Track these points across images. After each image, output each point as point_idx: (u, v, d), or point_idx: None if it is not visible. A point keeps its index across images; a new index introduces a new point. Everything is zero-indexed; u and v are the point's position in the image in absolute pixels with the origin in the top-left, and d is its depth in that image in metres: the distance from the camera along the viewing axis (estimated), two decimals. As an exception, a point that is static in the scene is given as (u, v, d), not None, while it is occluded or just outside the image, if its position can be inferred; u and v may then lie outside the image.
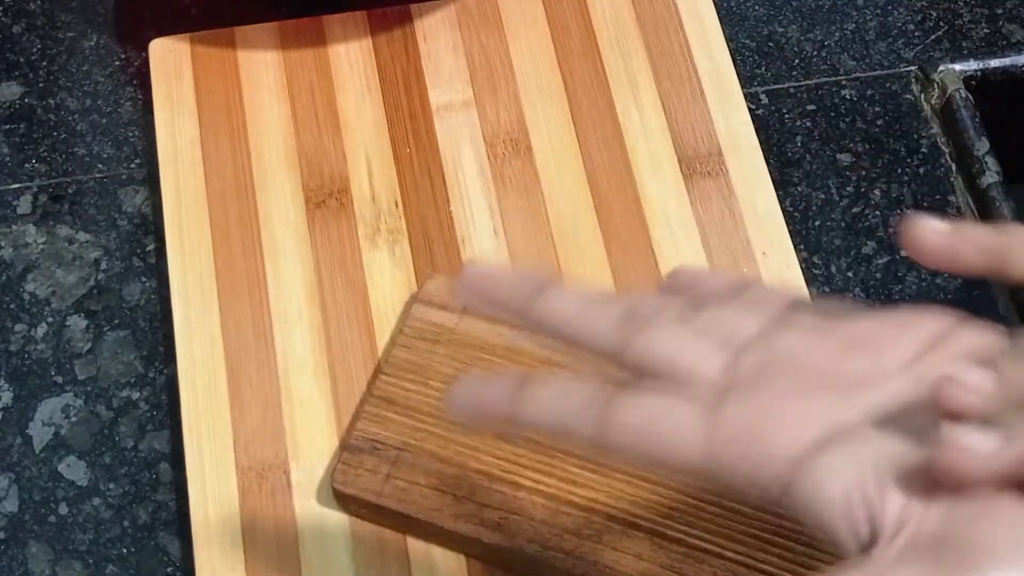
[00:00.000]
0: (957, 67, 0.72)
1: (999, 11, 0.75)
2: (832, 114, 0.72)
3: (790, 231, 0.66)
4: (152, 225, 0.67)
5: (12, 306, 0.65)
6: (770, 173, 0.68)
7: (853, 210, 0.68)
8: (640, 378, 0.37)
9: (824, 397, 0.35)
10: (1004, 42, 0.74)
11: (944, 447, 0.31)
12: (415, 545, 0.58)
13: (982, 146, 0.69)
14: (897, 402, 0.35)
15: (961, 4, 0.75)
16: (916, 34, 0.74)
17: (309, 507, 0.59)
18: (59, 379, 0.63)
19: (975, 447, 0.31)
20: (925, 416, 0.34)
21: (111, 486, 0.61)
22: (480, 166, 0.68)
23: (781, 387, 0.36)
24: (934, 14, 0.75)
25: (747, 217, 0.67)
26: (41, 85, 0.72)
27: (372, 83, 0.70)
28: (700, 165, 0.68)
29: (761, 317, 0.38)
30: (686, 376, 0.37)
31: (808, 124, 0.71)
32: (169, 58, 0.71)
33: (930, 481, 0.32)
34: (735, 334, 0.37)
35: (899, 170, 0.70)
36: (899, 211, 0.68)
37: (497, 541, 0.56)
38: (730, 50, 0.72)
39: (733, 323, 0.38)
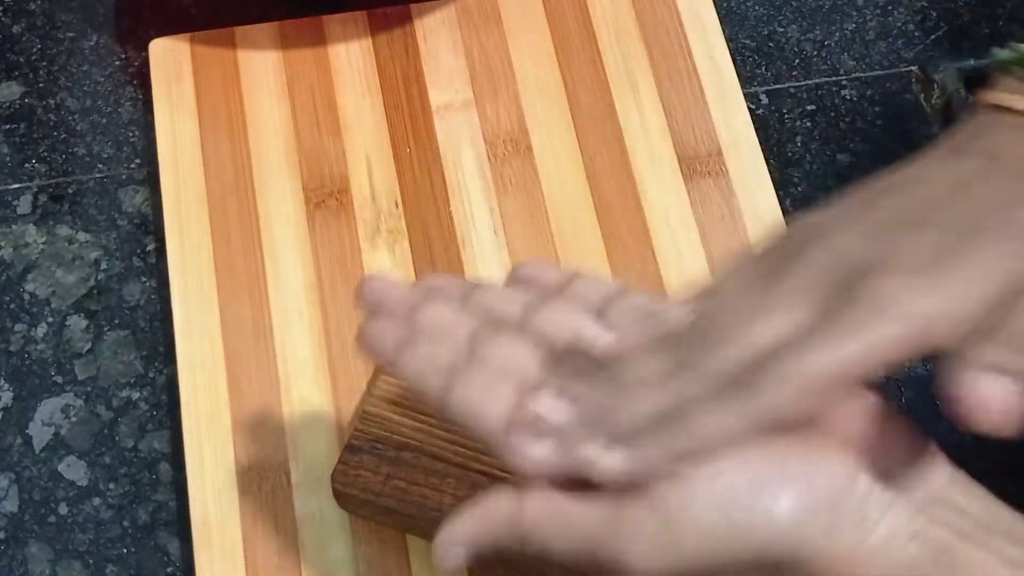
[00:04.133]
0: (957, 67, 0.72)
1: (999, 11, 0.75)
2: (832, 114, 0.72)
3: (790, 231, 0.66)
4: (152, 225, 0.67)
5: (12, 306, 0.65)
6: (770, 173, 0.68)
7: (853, 210, 0.68)
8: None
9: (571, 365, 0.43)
10: (1004, 42, 0.74)
11: (514, 453, 0.41)
12: (415, 544, 0.58)
13: (982, 146, 0.69)
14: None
15: (961, 4, 0.75)
16: (916, 34, 0.74)
17: (309, 507, 0.59)
18: (59, 379, 0.63)
19: (530, 456, 0.41)
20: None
21: (111, 486, 0.61)
22: (480, 166, 0.68)
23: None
24: (934, 14, 0.75)
25: (747, 217, 0.67)
26: (41, 85, 0.72)
27: (372, 83, 0.70)
28: (700, 165, 0.68)
29: (574, 307, 0.45)
30: (510, 366, 0.43)
31: (808, 124, 0.71)
32: (169, 58, 0.71)
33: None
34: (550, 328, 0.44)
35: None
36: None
37: None
38: (730, 50, 0.72)
39: (551, 318, 0.44)
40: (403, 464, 0.58)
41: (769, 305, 0.41)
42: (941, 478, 0.41)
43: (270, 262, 0.65)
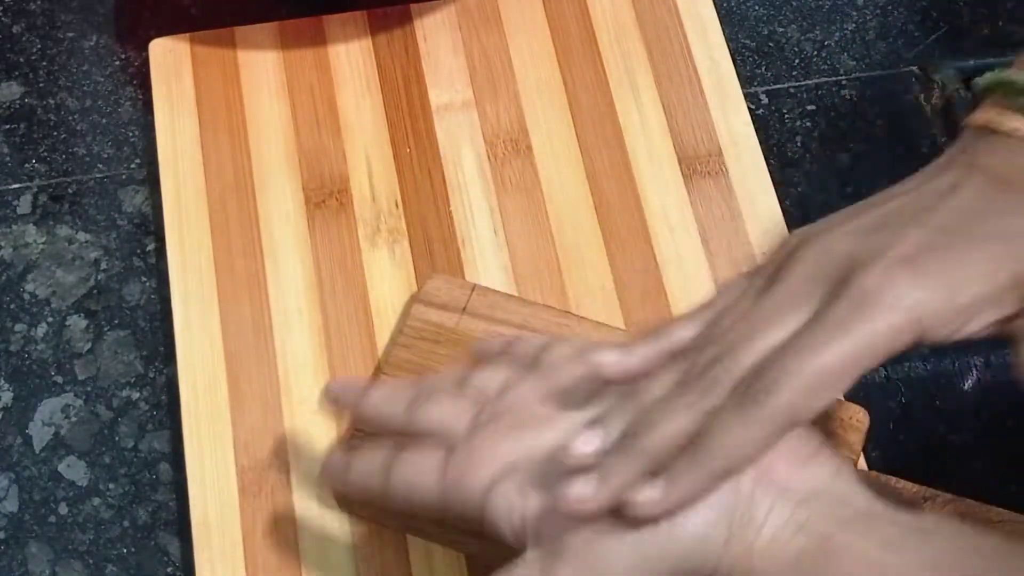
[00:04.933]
0: (957, 67, 0.72)
1: (999, 11, 0.75)
2: (832, 114, 0.72)
3: (790, 231, 0.66)
4: (152, 225, 0.67)
5: (12, 306, 0.65)
6: (770, 173, 0.68)
7: (853, 210, 0.68)
8: (424, 439, 0.48)
9: (515, 436, 0.46)
10: (1004, 42, 0.74)
11: (562, 497, 0.43)
12: (415, 544, 0.58)
13: (982, 146, 0.69)
14: (557, 437, 0.46)
15: (961, 4, 0.75)
16: (916, 34, 0.74)
17: (309, 507, 0.59)
18: (59, 379, 0.63)
19: (578, 495, 0.43)
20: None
21: (111, 486, 0.61)
22: (480, 166, 0.68)
23: (492, 431, 0.46)
24: (934, 14, 0.75)
25: (747, 217, 0.67)
26: (41, 85, 0.72)
27: (372, 83, 0.70)
28: (700, 165, 0.68)
29: (508, 372, 0.49)
30: (446, 433, 0.47)
31: (808, 124, 0.71)
32: (169, 58, 0.71)
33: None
34: (485, 391, 0.48)
35: (899, 170, 0.70)
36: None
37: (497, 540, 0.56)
38: (730, 50, 0.72)
39: (485, 382, 0.49)
40: (403, 464, 0.58)
41: (769, 310, 0.43)
42: (826, 472, 0.43)
43: (270, 262, 0.65)
